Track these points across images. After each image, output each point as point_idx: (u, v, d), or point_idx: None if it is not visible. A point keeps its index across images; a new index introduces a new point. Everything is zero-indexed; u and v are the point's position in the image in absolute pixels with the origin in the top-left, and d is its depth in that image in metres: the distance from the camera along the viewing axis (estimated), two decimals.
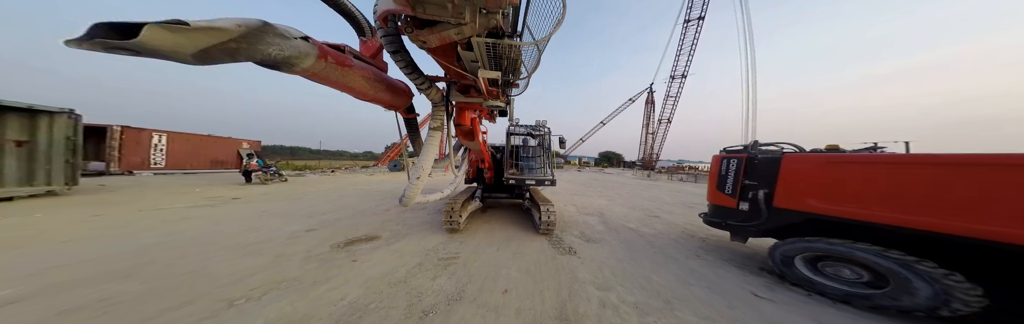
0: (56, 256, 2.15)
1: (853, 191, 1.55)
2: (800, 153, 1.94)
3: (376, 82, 1.41)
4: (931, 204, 1.34)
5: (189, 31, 0.62)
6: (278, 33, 0.81)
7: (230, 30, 0.69)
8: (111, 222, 3.27)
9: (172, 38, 0.60)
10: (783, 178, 1.82)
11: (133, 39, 0.55)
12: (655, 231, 3.48)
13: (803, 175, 1.76)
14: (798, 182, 1.77)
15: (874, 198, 1.48)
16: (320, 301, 1.58)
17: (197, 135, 12.62)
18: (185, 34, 0.61)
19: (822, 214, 1.65)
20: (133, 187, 6.38)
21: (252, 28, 0.74)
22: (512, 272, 2.03)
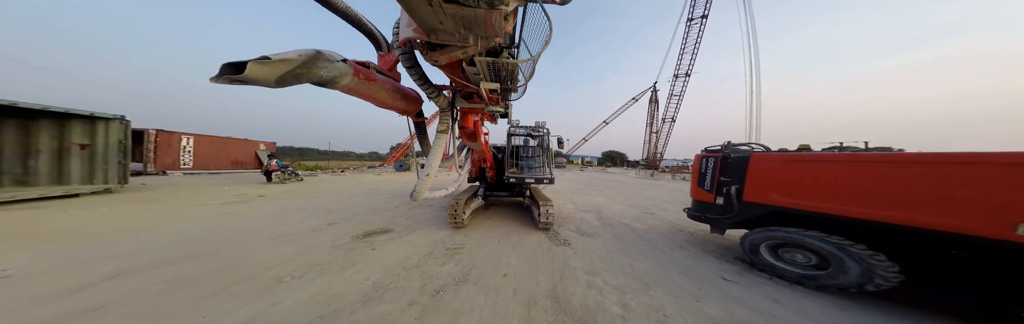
0: (135, 242, 2.58)
1: (806, 186, 1.79)
2: (766, 152, 2.16)
3: (394, 92, 1.68)
4: (865, 196, 1.56)
5: (271, 63, 0.88)
6: (326, 58, 1.06)
7: (295, 59, 0.95)
8: (164, 216, 3.73)
9: (262, 70, 0.87)
10: (751, 175, 2.05)
11: (242, 73, 0.83)
12: (647, 226, 3.69)
13: (767, 172, 1.99)
14: (763, 178, 2.00)
15: (822, 192, 1.72)
16: (349, 281, 1.90)
17: (220, 137, 13.46)
18: (269, 65, 0.88)
19: (783, 206, 1.89)
20: (169, 186, 7.00)
21: (309, 56, 0.99)
22: (511, 260, 2.31)
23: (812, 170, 1.80)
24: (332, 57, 1.11)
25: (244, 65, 0.85)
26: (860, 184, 1.58)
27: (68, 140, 4.70)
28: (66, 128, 4.71)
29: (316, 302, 1.60)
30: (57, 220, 3.33)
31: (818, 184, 1.75)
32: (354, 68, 1.26)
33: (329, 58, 1.08)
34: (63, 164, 4.76)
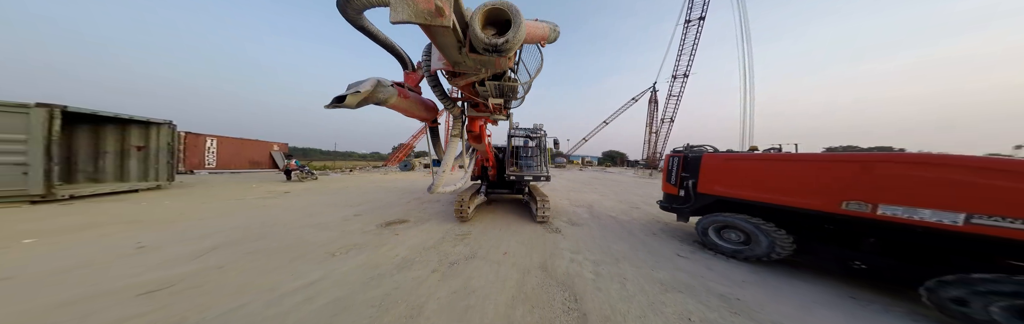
0: (210, 227, 3.20)
1: (738, 179, 2.31)
2: (714, 153, 2.66)
3: (420, 105, 2.16)
4: (772, 187, 2.08)
5: (358, 94, 1.39)
6: (383, 84, 1.54)
7: (370, 90, 1.44)
8: (217, 208, 4.37)
9: (354, 98, 1.38)
10: (702, 171, 2.56)
11: (343, 102, 1.35)
12: (631, 218, 4.18)
13: (713, 169, 2.50)
14: (710, 174, 2.51)
15: (747, 184, 2.23)
16: (383, 256, 2.45)
17: (238, 139, 14.29)
18: (356, 96, 1.39)
19: (724, 196, 2.40)
20: (203, 184, 7.71)
21: (375, 85, 1.48)
22: (511, 243, 2.83)
23: (741, 167, 2.33)
24: (384, 83, 1.59)
25: (345, 97, 1.39)
26: (768, 178, 2.12)
27: (128, 143, 5.41)
28: (126, 132, 5.42)
29: (363, 269, 2.15)
30: (141, 210, 4.01)
31: (745, 178, 2.28)
32: (398, 90, 1.74)
33: (384, 84, 1.58)
34: (124, 164, 5.48)
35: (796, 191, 1.93)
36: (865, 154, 1.70)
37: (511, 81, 1.99)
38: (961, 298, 1.35)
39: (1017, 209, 1.25)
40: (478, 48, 1.10)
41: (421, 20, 0.88)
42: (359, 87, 1.45)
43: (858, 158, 1.70)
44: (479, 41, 1.06)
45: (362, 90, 1.42)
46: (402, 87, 1.92)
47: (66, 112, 4.06)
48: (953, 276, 1.38)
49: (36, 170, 3.84)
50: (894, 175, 1.54)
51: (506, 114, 3.05)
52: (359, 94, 1.41)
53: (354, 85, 1.48)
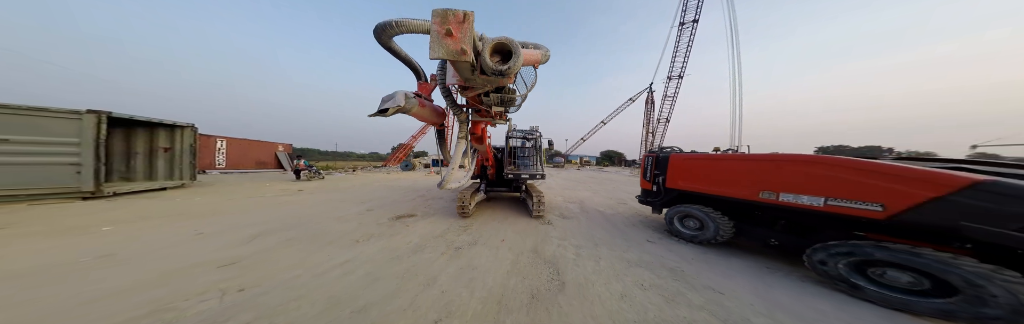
0: (244, 219, 3.65)
1: (694, 175, 2.79)
2: (680, 153, 3.13)
3: (433, 111, 2.56)
4: (716, 181, 2.55)
5: (397, 107, 1.85)
6: (409, 97, 1.97)
7: (402, 103, 1.88)
8: (244, 203, 4.84)
9: (393, 110, 1.84)
10: (669, 169, 3.03)
11: (385, 113, 1.83)
12: (616, 212, 4.64)
13: (676, 167, 2.98)
14: (674, 171, 2.99)
15: (701, 179, 2.71)
16: (399, 242, 2.90)
17: (245, 140, 14.71)
18: (395, 108, 1.84)
19: (685, 190, 2.88)
20: (219, 183, 8.16)
21: (405, 98, 1.91)
22: (507, 233, 3.28)
23: (697, 165, 2.82)
24: (409, 96, 2.03)
25: (386, 109, 1.84)
26: (715, 174, 2.61)
27: (156, 144, 5.87)
28: (154, 134, 5.87)
29: (384, 251, 2.60)
30: (178, 206, 4.48)
31: (699, 174, 2.76)
32: (419, 101, 2.18)
33: (409, 97, 2.01)
34: (153, 163, 5.94)
35: (732, 184, 2.42)
36: (776, 155, 2.19)
37: (511, 93, 2.41)
38: (823, 260, 1.81)
39: (852, 193, 1.74)
40: (487, 71, 1.44)
41: (451, 57, 1.28)
42: (393, 101, 1.90)
43: (772, 158, 2.19)
44: (488, 67, 1.41)
45: (401, 103, 1.88)
46: (420, 98, 2.32)
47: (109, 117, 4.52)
48: (819, 244, 1.83)
49: (87, 170, 4.31)
50: (792, 171, 2.03)
51: (505, 119, 3.48)
52: (398, 107, 1.87)
53: (387, 99, 1.93)
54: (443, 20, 1.25)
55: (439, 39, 1.25)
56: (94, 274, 1.98)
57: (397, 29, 1.68)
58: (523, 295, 1.76)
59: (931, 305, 1.46)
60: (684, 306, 1.59)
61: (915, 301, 1.50)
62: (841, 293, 1.76)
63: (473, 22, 1.28)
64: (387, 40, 1.91)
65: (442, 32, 1.24)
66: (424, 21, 1.61)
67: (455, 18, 1.25)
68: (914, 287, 1.52)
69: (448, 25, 1.24)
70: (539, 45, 2.01)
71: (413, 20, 1.64)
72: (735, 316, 1.48)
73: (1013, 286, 1.27)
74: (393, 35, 1.78)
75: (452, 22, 1.25)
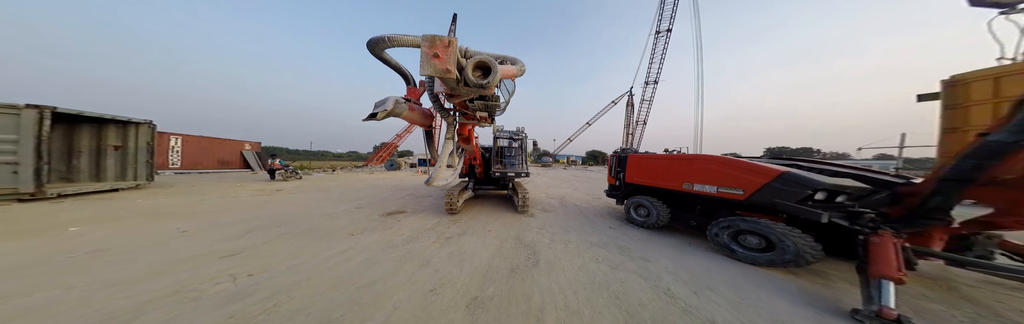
0: (227, 218, 3.62)
1: (643, 171, 3.46)
2: (635, 153, 3.80)
3: (421, 114, 2.82)
4: (658, 175, 3.23)
5: (388, 111, 2.12)
6: (400, 102, 2.24)
7: (392, 107, 2.17)
8: (220, 203, 4.66)
9: (383, 114, 2.11)
10: (628, 166, 3.68)
11: (376, 117, 2.11)
12: (589, 206, 5.26)
13: (632, 164, 3.63)
14: (632, 168, 3.63)
15: (648, 174, 3.38)
16: (393, 234, 3.15)
17: (205, 138, 13.36)
18: (386, 112, 2.11)
19: (638, 184, 3.53)
20: (180, 184, 7.49)
21: (396, 103, 2.18)
22: (494, 225, 3.67)
23: (646, 163, 3.49)
24: (400, 101, 2.31)
25: (376, 114, 2.13)
26: (657, 170, 3.29)
27: (104, 142, 5.33)
28: (103, 131, 5.32)
29: (379, 242, 2.85)
30: (147, 206, 4.24)
31: (648, 171, 3.43)
32: (409, 105, 2.50)
33: (400, 102, 2.29)
34: (101, 163, 5.38)
35: (668, 178, 3.09)
36: (689, 155, 2.95)
37: (494, 100, 2.80)
38: (716, 233, 2.46)
39: (728, 182, 2.46)
40: (470, 84, 1.76)
41: (438, 75, 1.59)
42: (385, 106, 2.18)
43: (688, 157, 2.96)
44: (471, 81, 1.73)
45: (390, 108, 2.17)
46: (410, 102, 2.62)
47: (55, 113, 4.11)
48: (713, 221, 2.49)
49: (26, 169, 3.91)
50: (698, 167, 2.75)
51: (490, 122, 3.85)
52: (388, 111, 2.16)
53: (379, 104, 2.20)
54: (431, 44, 1.54)
55: (428, 59, 1.53)
56: (96, 266, 2.02)
57: (389, 43, 1.96)
58: (504, 270, 2.17)
59: (763, 257, 2.13)
60: (622, 271, 2.13)
61: (757, 256, 2.17)
62: (725, 257, 2.41)
63: (456, 46, 1.61)
64: (379, 52, 2.16)
65: (430, 54, 1.53)
66: (413, 37, 1.89)
67: (441, 43, 1.55)
68: (758, 246, 2.19)
69: (435, 49, 1.53)
70: (516, 60, 2.38)
71: (403, 36, 1.92)
72: (653, 275, 2.06)
73: (796, 239, 1.96)
74: (385, 48, 2.05)
75: (438, 47, 1.54)
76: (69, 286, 1.74)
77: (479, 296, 1.72)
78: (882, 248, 1.58)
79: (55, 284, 1.75)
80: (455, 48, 1.62)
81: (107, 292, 1.68)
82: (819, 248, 1.95)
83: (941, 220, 1.75)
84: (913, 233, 1.80)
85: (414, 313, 1.51)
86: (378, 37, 1.92)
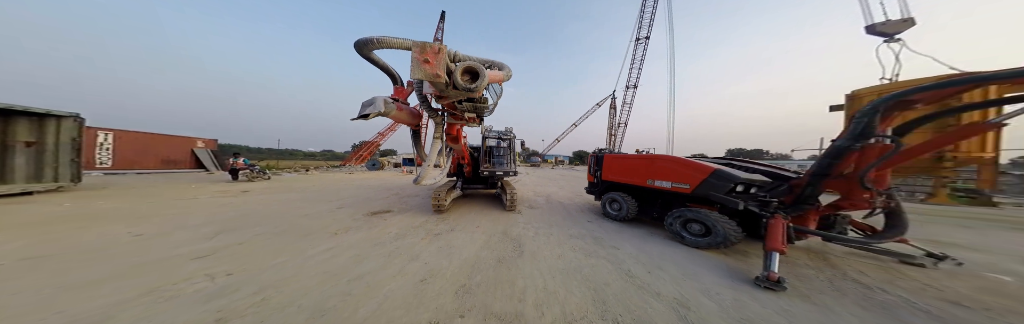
0: (189, 220, 3.33)
1: (616, 169, 3.89)
2: (610, 153, 4.24)
3: (409, 114, 2.88)
4: (627, 173, 3.66)
5: (378, 113, 2.20)
6: (388, 103, 2.31)
7: (382, 108, 2.24)
8: (176, 206, 4.20)
9: (375, 115, 2.18)
10: (604, 165, 4.10)
11: (367, 118, 2.17)
12: (572, 203, 5.63)
13: (608, 163, 4.05)
14: (607, 166, 4.06)
15: (619, 172, 3.82)
16: (380, 232, 3.16)
17: (146, 134, 11.62)
18: (378, 112, 2.19)
19: (612, 180, 3.95)
20: (116, 186, 6.51)
21: (384, 103, 2.25)
22: (482, 221, 3.82)
23: (618, 162, 3.93)
24: (388, 101, 2.37)
25: (367, 115, 2.19)
26: (626, 168, 3.73)
27: (12, 138, 4.48)
28: (10, 125, 4.47)
29: (367, 240, 2.86)
30: (78, 210, 3.72)
31: (619, 169, 3.87)
32: (397, 105, 2.57)
33: (388, 102, 2.35)
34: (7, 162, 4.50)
35: (636, 175, 3.52)
36: (651, 155, 3.46)
37: (483, 102, 2.95)
38: (670, 222, 2.88)
39: (679, 178, 2.94)
40: (459, 88, 1.88)
41: (429, 79, 1.71)
42: (374, 107, 2.25)
43: (650, 157, 3.45)
44: (459, 85, 1.86)
45: (380, 109, 2.24)
46: (397, 102, 2.69)
47: None
48: (669, 212, 2.93)
49: None
50: (658, 165, 3.23)
51: (479, 122, 3.99)
52: (378, 112, 2.24)
53: (367, 104, 2.25)
54: (422, 50, 1.64)
55: (418, 65, 1.63)
56: (39, 273, 1.82)
57: (377, 45, 1.99)
58: (491, 260, 2.34)
59: (703, 241, 2.58)
60: (593, 258, 2.43)
61: (699, 240, 2.61)
62: (677, 243, 2.83)
63: (446, 52, 1.74)
64: (367, 52, 2.17)
65: (421, 60, 1.63)
66: (402, 39, 1.94)
67: (432, 49, 1.66)
68: (700, 232, 2.64)
69: (426, 55, 1.64)
70: (503, 65, 2.54)
71: (392, 38, 1.95)
72: (618, 259, 2.39)
73: (724, 224, 2.47)
74: (373, 49, 2.09)
75: (429, 53, 1.65)
76: (13, 291, 1.57)
77: (467, 283, 1.87)
78: (775, 227, 2.06)
79: None
80: (445, 54, 1.75)
81: (66, 295, 1.56)
82: (740, 231, 2.46)
83: (812, 205, 2.32)
84: (797, 216, 2.36)
85: (406, 300, 1.63)
86: (367, 38, 1.96)
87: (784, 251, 1.92)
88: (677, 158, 3.14)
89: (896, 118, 2.03)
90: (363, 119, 2.22)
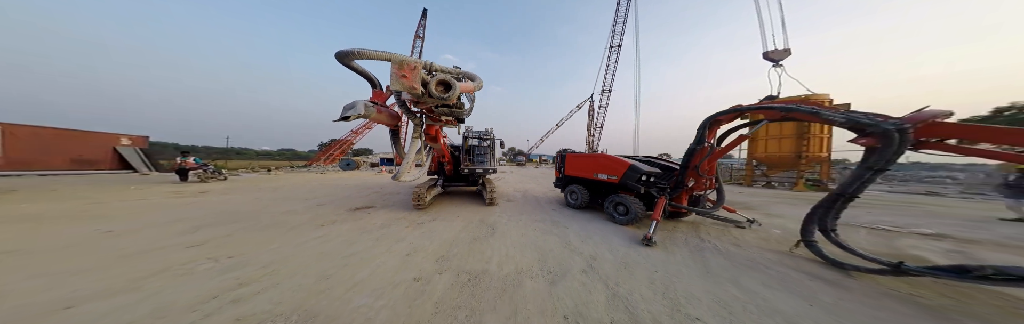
0: (156, 218, 3.27)
1: (574, 166, 4.70)
2: (571, 152, 5.04)
3: (389, 115, 3.20)
4: (583, 168, 4.51)
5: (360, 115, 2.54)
6: (369, 106, 2.64)
7: (364, 111, 2.58)
8: (128, 207, 3.95)
9: (356, 117, 2.50)
10: (566, 162, 4.87)
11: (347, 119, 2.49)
12: (545, 196, 6.38)
13: (568, 161, 4.84)
14: (568, 163, 4.84)
15: (577, 168, 4.64)
16: (366, 224, 3.46)
17: (48, 129, 9.70)
18: (359, 115, 2.53)
19: (571, 175, 4.74)
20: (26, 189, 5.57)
21: (366, 107, 2.58)
22: (462, 212, 4.29)
23: (575, 160, 4.74)
24: (368, 105, 2.71)
25: (348, 116, 2.54)
26: (580, 165, 4.56)
27: None
28: None
29: (354, 229, 3.17)
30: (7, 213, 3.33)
31: (576, 165, 4.68)
32: (376, 108, 2.93)
33: (368, 106, 2.70)
34: None
35: (586, 170, 4.36)
36: (597, 154, 4.30)
37: (458, 107, 3.41)
38: (606, 206, 3.70)
39: (611, 171, 3.78)
40: (434, 97, 2.31)
41: (406, 90, 2.12)
42: (354, 110, 2.56)
43: (594, 156, 4.31)
44: (434, 95, 2.27)
45: (361, 112, 2.59)
46: (377, 105, 3.04)
47: None
48: (606, 199, 3.75)
49: None
50: (600, 162, 4.10)
51: (456, 124, 4.43)
52: (359, 114, 2.58)
53: (348, 107, 2.57)
54: (400, 67, 2.00)
55: (397, 78, 1.99)
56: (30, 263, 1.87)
57: (358, 56, 2.26)
58: (467, 239, 2.87)
59: (624, 219, 3.45)
60: (548, 234, 3.12)
61: (622, 218, 3.48)
62: (610, 222, 3.63)
63: (421, 68, 2.14)
64: (348, 62, 2.42)
65: (399, 75, 1.99)
66: (380, 52, 2.24)
67: (409, 66, 2.04)
68: (623, 212, 3.50)
69: (403, 71, 2.02)
70: (474, 76, 3.01)
71: (371, 50, 2.24)
72: (565, 234, 3.11)
73: (635, 205, 3.38)
74: (354, 59, 2.36)
75: (406, 69, 2.03)
76: (22, 277, 1.68)
77: (446, 254, 2.38)
78: (658, 205, 3.09)
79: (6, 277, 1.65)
80: (420, 71, 2.19)
81: (73, 279, 1.71)
82: (645, 209, 3.46)
83: (684, 188, 3.36)
84: (675, 196, 3.41)
85: (395, 267, 2.08)
86: (347, 50, 2.25)
87: (659, 220, 2.92)
88: (611, 156, 4.05)
89: (717, 130, 3.17)
90: (345, 120, 2.55)
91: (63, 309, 1.38)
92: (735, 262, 2.26)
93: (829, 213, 2.23)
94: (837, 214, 2.24)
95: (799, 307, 1.56)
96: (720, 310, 1.52)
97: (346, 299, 1.57)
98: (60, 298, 1.49)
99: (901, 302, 1.64)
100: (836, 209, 2.21)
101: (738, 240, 2.91)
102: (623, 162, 3.68)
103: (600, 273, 1.99)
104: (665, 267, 2.12)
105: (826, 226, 2.26)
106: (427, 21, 23.49)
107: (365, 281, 1.82)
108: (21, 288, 1.60)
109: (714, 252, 2.53)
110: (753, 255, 2.44)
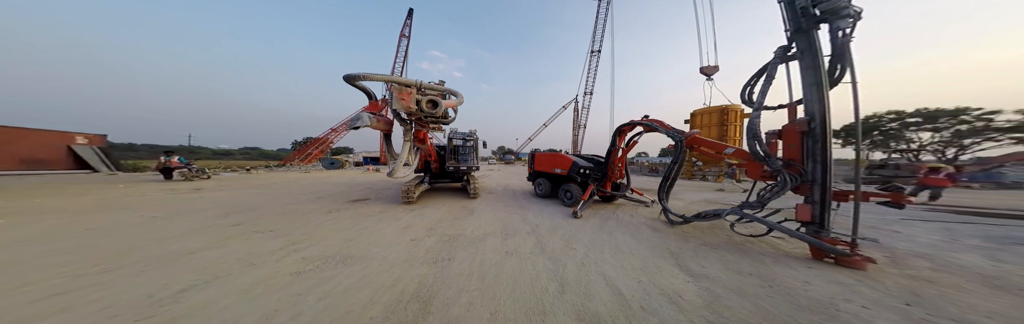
0: (180, 208, 3.81)
1: (541, 162, 5.86)
2: (539, 152, 6.18)
3: (385, 123, 4.04)
4: (548, 164, 5.65)
5: (367, 125, 3.42)
6: (371, 117, 3.48)
7: (369, 122, 3.44)
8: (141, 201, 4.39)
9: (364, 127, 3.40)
10: (535, 160, 6.02)
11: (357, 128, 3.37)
12: (522, 190, 7.41)
13: (537, 158, 6.00)
14: (536, 161, 5.99)
15: (541, 164, 5.81)
16: (367, 210, 4.23)
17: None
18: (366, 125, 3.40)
19: (538, 170, 5.91)
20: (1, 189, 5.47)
21: (370, 118, 3.43)
22: (447, 202, 5.20)
23: (540, 158, 5.90)
24: (371, 116, 3.56)
25: (358, 127, 3.36)
26: (544, 162, 5.72)
27: None
28: None
29: (358, 214, 3.96)
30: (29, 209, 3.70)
31: (541, 162, 5.83)
32: (376, 118, 3.74)
33: (371, 117, 3.54)
34: None
35: (549, 166, 5.48)
36: (556, 153, 5.54)
37: (444, 117, 4.28)
38: (559, 193, 5.10)
39: (562, 166, 5.09)
40: (423, 112, 3.26)
41: (404, 109, 3.05)
42: (361, 121, 3.39)
43: (552, 154, 5.55)
44: (424, 111, 3.21)
45: (368, 123, 3.40)
46: (375, 115, 3.86)
47: None
48: (560, 188, 5.08)
49: None
50: (558, 159, 5.30)
51: (441, 129, 5.29)
52: (367, 125, 3.40)
53: (356, 119, 3.38)
54: (399, 91, 2.89)
55: (397, 100, 2.87)
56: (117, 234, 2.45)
57: (364, 78, 3.05)
58: (451, 218, 3.80)
59: (570, 202, 4.68)
60: (512, 214, 4.12)
61: (568, 201, 4.72)
62: (561, 205, 4.81)
63: (415, 91, 3.08)
64: (354, 82, 3.16)
65: (399, 97, 2.90)
66: (382, 75, 3.03)
67: (406, 91, 2.97)
68: (570, 197, 4.71)
69: (402, 95, 2.94)
70: (457, 93, 3.97)
71: (375, 74, 3.02)
72: (525, 213, 4.15)
73: (576, 191, 4.60)
74: (359, 80, 3.14)
75: (404, 93, 2.96)
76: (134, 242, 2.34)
77: (434, 227, 3.31)
78: (587, 190, 4.27)
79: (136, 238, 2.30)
80: (413, 93, 3.13)
81: (173, 241, 2.44)
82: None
83: (607, 177, 4.59)
84: (602, 184, 4.61)
85: (396, 233, 2.97)
86: (355, 74, 3.00)
87: (586, 199, 4.11)
88: (562, 155, 5.27)
89: (625, 136, 4.33)
90: (354, 129, 3.35)
91: (188, 254, 2.14)
92: (620, 224, 3.49)
93: (663, 190, 3.71)
94: (668, 190, 3.74)
95: (630, 241, 2.78)
96: (589, 244, 2.65)
97: (366, 249, 2.44)
98: (181, 250, 2.24)
99: (678, 235, 2.98)
100: (667, 187, 3.71)
101: (635, 213, 4.18)
102: (569, 159, 4.89)
103: (537, 233, 3.04)
104: (577, 228, 3.24)
105: (660, 197, 3.76)
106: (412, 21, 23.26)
107: (377, 242, 2.70)
108: (151, 245, 2.30)
109: (614, 220, 3.72)
110: (635, 221, 3.69)
